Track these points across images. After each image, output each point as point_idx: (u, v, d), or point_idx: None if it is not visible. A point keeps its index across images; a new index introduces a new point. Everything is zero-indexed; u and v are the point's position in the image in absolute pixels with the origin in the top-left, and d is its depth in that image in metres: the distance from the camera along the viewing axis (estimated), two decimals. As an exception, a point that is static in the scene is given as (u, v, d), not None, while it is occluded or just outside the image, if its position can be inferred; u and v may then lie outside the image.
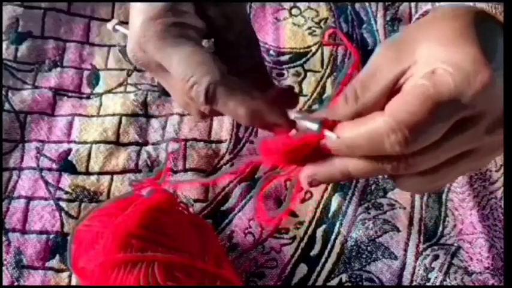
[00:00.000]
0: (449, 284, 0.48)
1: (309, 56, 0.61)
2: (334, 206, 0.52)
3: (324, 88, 0.59)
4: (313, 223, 0.51)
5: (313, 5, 0.64)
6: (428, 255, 0.49)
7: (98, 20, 0.63)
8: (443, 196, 0.52)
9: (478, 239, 0.49)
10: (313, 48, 0.62)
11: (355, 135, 0.33)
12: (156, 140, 0.56)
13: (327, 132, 0.34)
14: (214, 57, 0.36)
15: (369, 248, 0.50)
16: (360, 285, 0.48)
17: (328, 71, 0.60)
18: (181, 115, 0.57)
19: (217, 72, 0.34)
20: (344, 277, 0.49)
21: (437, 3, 0.40)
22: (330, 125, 0.34)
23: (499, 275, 0.48)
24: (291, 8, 0.64)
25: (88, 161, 0.54)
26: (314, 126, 0.34)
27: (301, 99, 0.58)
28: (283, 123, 0.36)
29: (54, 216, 0.51)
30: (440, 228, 0.51)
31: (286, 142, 0.36)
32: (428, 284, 0.48)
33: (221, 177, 0.53)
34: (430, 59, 0.32)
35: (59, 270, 0.49)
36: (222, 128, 0.56)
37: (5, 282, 0.48)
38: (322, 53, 0.61)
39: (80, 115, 0.57)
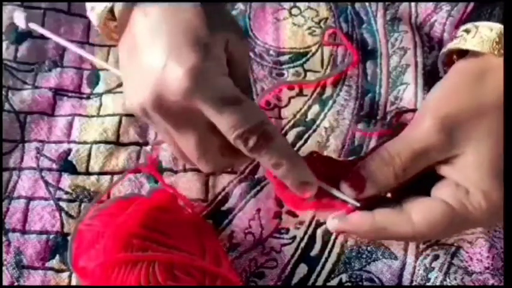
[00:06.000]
0: (449, 284, 0.48)
1: (309, 56, 0.61)
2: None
3: (324, 88, 0.59)
4: (313, 223, 0.51)
5: (313, 4, 0.64)
6: (428, 255, 0.49)
7: (97, 20, 0.63)
8: (443, 196, 0.52)
9: (478, 239, 0.49)
10: (313, 48, 0.61)
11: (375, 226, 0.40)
12: (156, 140, 0.56)
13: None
14: (263, 112, 0.38)
15: (369, 248, 0.50)
16: (360, 285, 0.48)
17: (328, 71, 0.60)
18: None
19: (269, 126, 0.36)
20: (344, 277, 0.49)
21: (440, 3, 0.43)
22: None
23: (499, 275, 0.48)
24: (291, 8, 0.64)
25: (88, 161, 0.54)
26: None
27: (301, 99, 0.58)
28: (312, 185, 0.39)
29: (54, 216, 0.51)
30: (440, 228, 0.51)
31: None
32: (428, 284, 0.48)
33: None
34: (473, 168, 0.37)
35: (59, 270, 0.49)
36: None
37: (5, 282, 0.48)
38: (322, 53, 0.61)
39: (80, 115, 0.57)
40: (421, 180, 0.40)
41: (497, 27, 0.39)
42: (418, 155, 0.38)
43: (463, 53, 0.42)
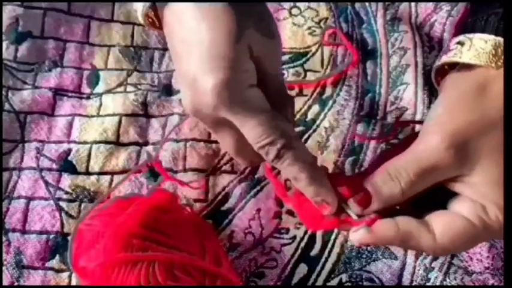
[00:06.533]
0: (449, 284, 0.48)
1: (309, 56, 0.61)
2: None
3: (324, 88, 0.59)
4: (313, 223, 0.51)
5: (313, 4, 0.64)
6: (428, 255, 0.49)
7: (98, 20, 0.63)
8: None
9: (478, 239, 0.49)
10: (313, 48, 0.61)
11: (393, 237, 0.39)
12: (156, 140, 0.56)
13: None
14: (286, 122, 0.39)
15: (368, 248, 0.50)
16: (360, 285, 0.48)
17: (328, 71, 0.60)
18: (182, 115, 0.57)
19: (290, 137, 0.38)
20: (344, 277, 0.49)
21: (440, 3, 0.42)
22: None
23: (499, 275, 0.48)
24: (291, 8, 0.64)
25: (88, 161, 0.54)
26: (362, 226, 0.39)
27: (301, 99, 0.58)
28: (331, 204, 0.39)
29: (54, 216, 0.51)
30: (440, 228, 0.51)
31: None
32: (428, 284, 0.48)
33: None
34: (485, 183, 0.38)
35: (59, 270, 0.49)
36: (222, 128, 0.56)
37: (5, 282, 0.48)
38: (322, 53, 0.61)
39: (80, 115, 0.57)
40: (433, 193, 0.40)
41: (491, 38, 0.40)
42: (426, 172, 0.38)
43: (454, 64, 0.43)
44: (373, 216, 0.39)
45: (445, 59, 0.42)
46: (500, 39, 0.40)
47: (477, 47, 0.40)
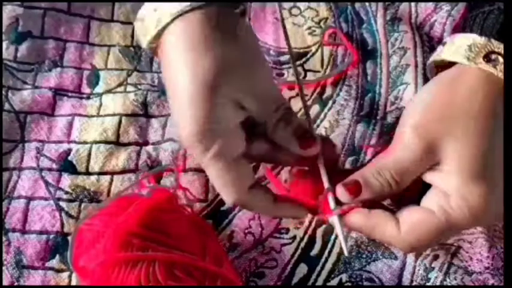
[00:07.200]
0: (449, 284, 0.48)
1: (308, 56, 0.61)
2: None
3: (324, 88, 0.59)
4: (313, 223, 0.51)
5: (313, 4, 0.64)
6: (428, 255, 0.49)
7: (98, 20, 0.63)
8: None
9: (478, 239, 0.49)
10: (313, 48, 0.62)
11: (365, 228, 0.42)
12: (156, 140, 0.56)
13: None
14: (241, 175, 0.41)
15: (369, 248, 0.50)
16: (360, 285, 0.48)
17: (328, 71, 0.60)
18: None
19: (238, 195, 0.41)
20: (344, 277, 0.49)
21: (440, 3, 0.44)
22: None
23: (499, 275, 0.48)
24: (291, 8, 0.64)
25: (88, 161, 0.54)
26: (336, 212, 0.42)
27: (301, 99, 0.58)
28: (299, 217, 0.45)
29: (54, 216, 0.51)
30: (440, 228, 0.51)
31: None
32: (428, 284, 0.48)
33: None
34: (453, 173, 0.39)
35: (59, 270, 0.49)
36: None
37: (5, 282, 0.48)
38: (322, 53, 0.61)
39: (80, 115, 0.57)
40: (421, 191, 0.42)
41: (472, 36, 0.42)
42: (405, 169, 0.41)
43: (448, 64, 0.44)
44: (352, 205, 0.41)
45: (431, 58, 0.45)
46: (479, 37, 0.41)
47: (456, 45, 0.42)
